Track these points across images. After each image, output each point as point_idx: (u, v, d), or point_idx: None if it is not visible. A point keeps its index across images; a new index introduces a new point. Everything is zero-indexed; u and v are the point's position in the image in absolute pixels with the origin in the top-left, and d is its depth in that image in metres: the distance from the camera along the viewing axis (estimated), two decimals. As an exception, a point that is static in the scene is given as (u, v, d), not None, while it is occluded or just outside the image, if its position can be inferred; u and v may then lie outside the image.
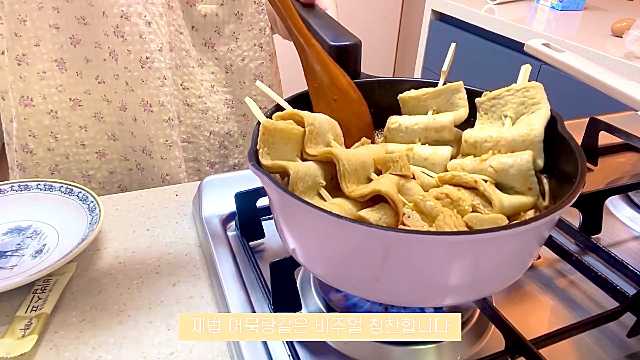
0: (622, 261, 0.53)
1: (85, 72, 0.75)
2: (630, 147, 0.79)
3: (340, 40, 0.55)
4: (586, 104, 1.36)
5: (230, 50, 0.83)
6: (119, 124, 0.79)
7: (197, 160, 0.87)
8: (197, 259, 0.56)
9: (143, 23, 0.71)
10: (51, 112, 0.76)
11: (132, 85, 0.75)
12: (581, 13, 1.83)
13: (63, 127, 0.78)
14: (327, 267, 0.40)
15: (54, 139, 0.78)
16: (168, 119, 0.77)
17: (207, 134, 0.86)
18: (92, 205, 0.59)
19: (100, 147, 0.81)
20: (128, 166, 0.83)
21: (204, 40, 0.81)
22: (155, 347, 0.45)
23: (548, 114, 0.44)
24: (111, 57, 0.74)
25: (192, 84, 0.81)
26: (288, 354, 0.42)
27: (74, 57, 0.74)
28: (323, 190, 0.42)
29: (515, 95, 0.46)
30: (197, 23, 0.79)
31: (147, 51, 0.73)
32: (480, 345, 0.45)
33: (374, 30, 2.94)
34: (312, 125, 0.44)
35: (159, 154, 0.79)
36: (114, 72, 0.75)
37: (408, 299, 0.40)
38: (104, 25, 0.72)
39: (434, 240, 0.34)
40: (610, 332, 0.47)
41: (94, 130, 0.79)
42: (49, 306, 0.48)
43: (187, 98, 0.82)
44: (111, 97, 0.77)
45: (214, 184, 0.63)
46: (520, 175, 0.42)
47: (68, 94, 0.76)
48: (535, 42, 0.66)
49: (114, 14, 0.70)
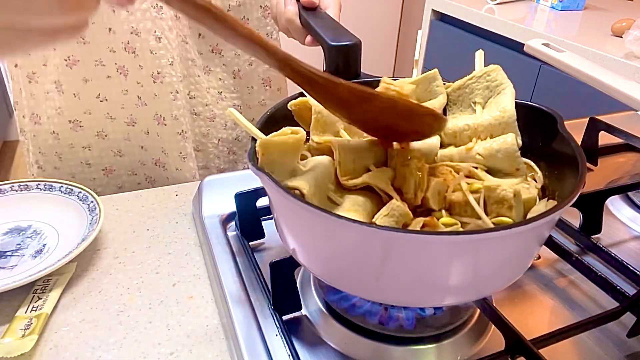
0: (622, 261, 0.53)
1: (84, 92, 0.74)
2: (630, 147, 0.79)
3: (340, 40, 0.55)
4: (586, 104, 1.36)
5: (238, 55, 0.83)
6: (125, 140, 0.79)
7: (207, 168, 0.88)
8: (197, 259, 0.56)
9: (153, 39, 0.71)
10: (53, 133, 0.76)
11: (145, 100, 0.75)
12: (581, 13, 1.83)
13: (66, 148, 0.78)
14: (327, 267, 0.40)
15: (59, 159, 0.78)
16: (181, 132, 0.78)
17: (216, 141, 0.86)
18: (92, 205, 0.59)
19: (106, 164, 0.80)
20: (137, 180, 0.83)
21: (211, 46, 0.81)
22: (155, 347, 0.45)
23: (514, 92, 0.46)
24: (119, 72, 0.73)
25: (198, 92, 0.81)
26: (288, 354, 0.42)
27: (70, 78, 0.73)
28: (333, 195, 0.42)
29: (478, 81, 0.48)
30: (204, 30, 0.79)
31: (159, 66, 0.73)
32: (480, 345, 0.45)
33: (374, 30, 2.94)
34: (320, 113, 0.45)
35: (173, 166, 0.80)
36: (122, 88, 0.74)
37: (408, 299, 0.39)
38: (109, 42, 0.71)
39: (434, 240, 0.34)
40: (610, 332, 0.47)
41: (98, 148, 0.79)
42: (49, 306, 0.48)
43: (194, 107, 0.82)
44: (116, 113, 0.76)
45: (214, 184, 0.63)
46: (507, 158, 0.43)
47: (67, 116, 0.75)
48: (535, 42, 0.66)
49: (124, 31, 0.70)
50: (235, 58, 0.83)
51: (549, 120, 0.45)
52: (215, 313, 0.49)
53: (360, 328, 0.45)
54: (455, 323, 0.45)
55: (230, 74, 0.84)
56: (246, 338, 0.43)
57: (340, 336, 0.45)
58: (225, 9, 0.79)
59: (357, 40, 0.55)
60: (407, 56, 3.07)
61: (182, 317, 0.49)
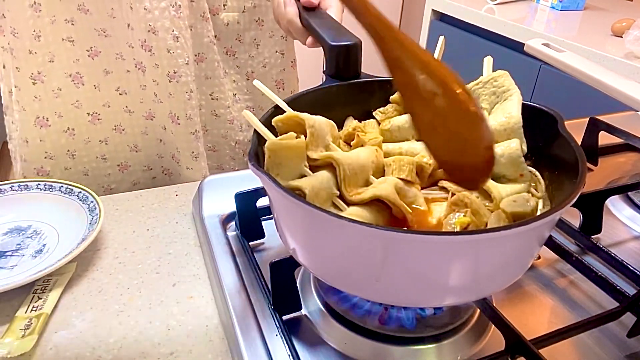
0: (622, 261, 0.53)
1: (104, 84, 0.74)
2: (630, 147, 0.79)
3: (340, 40, 0.55)
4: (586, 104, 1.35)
5: (251, 57, 0.83)
6: (143, 134, 0.79)
7: (221, 169, 0.88)
8: (197, 259, 0.56)
9: (171, 38, 0.70)
10: (68, 130, 0.76)
11: (161, 97, 0.75)
12: (581, 13, 1.82)
13: (81, 144, 0.77)
14: (327, 267, 0.40)
15: (71, 157, 0.77)
16: (194, 131, 0.77)
17: (233, 143, 0.86)
18: (92, 205, 0.59)
19: (122, 159, 0.80)
20: (152, 175, 0.83)
21: (225, 48, 0.81)
22: (155, 347, 0.45)
23: (520, 98, 0.45)
24: (137, 68, 0.73)
25: (221, 94, 0.81)
26: (288, 354, 0.42)
27: (91, 70, 0.73)
28: (338, 200, 0.42)
29: (485, 87, 0.47)
30: (219, 32, 0.79)
31: (175, 66, 0.72)
32: (480, 345, 0.45)
33: (374, 30, 2.94)
34: (313, 127, 0.44)
35: (185, 164, 0.80)
36: (141, 83, 0.74)
37: (408, 299, 0.39)
38: (127, 38, 0.71)
39: (434, 241, 0.34)
40: (610, 332, 0.47)
41: (114, 142, 0.79)
42: (49, 306, 0.48)
43: (215, 109, 0.82)
44: (134, 107, 0.76)
45: (214, 184, 0.63)
46: (511, 163, 0.43)
47: (85, 108, 0.75)
48: (535, 42, 0.66)
49: (141, 28, 0.70)
50: (249, 60, 0.83)
51: (549, 120, 0.45)
52: (215, 313, 0.49)
53: (360, 328, 0.45)
54: (455, 323, 0.45)
55: (243, 75, 0.84)
56: (246, 338, 0.43)
57: (340, 336, 0.45)
58: (240, 11, 0.79)
59: (357, 40, 0.55)
60: (407, 56, 3.07)
61: (182, 317, 0.49)
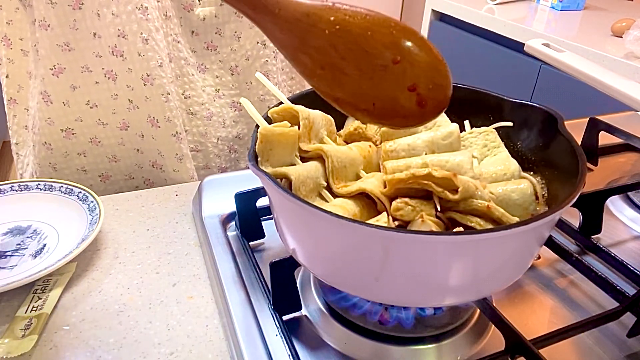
0: (622, 261, 0.53)
1: (73, 99, 0.73)
2: (630, 147, 0.79)
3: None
4: (586, 104, 1.35)
5: (234, 50, 0.82)
6: (119, 145, 0.78)
7: (208, 168, 0.87)
8: (197, 259, 0.56)
9: (140, 41, 0.70)
10: (45, 144, 0.76)
11: (137, 103, 0.74)
12: (581, 13, 1.83)
13: (60, 157, 0.77)
14: (327, 267, 0.40)
15: (53, 169, 0.78)
16: (176, 133, 0.77)
17: (215, 140, 0.85)
18: (92, 205, 0.59)
19: (102, 170, 0.80)
20: (134, 184, 0.83)
21: (206, 44, 0.80)
22: (155, 347, 0.45)
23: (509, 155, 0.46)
24: (107, 77, 0.72)
25: (193, 92, 0.81)
26: (288, 354, 0.42)
27: (57, 87, 0.72)
28: (324, 192, 0.42)
29: (477, 137, 0.48)
30: (196, 27, 0.78)
31: (148, 69, 0.72)
32: (480, 345, 0.45)
33: (374, 30, 2.94)
34: (307, 119, 0.44)
35: (170, 167, 0.79)
36: (112, 93, 0.74)
37: (408, 299, 0.40)
38: (94, 47, 0.70)
39: (434, 241, 0.34)
40: (610, 332, 0.47)
41: (93, 154, 0.78)
42: (49, 306, 0.48)
43: (190, 107, 0.81)
44: (107, 119, 0.76)
45: (214, 184, 0.63)
46: (523, 200, 0.41)
47: (58, 125, 0.75)
48: (535, 42, 0.66)
49: (110, 34, 0.69)
50: (231, 54, 0.82)
51: (549, 120, 0.45)
52: (215, 313, 0.49)
53: (360, 328, 0.45)
54: (455, 323, 0.45)
55: (227, 70, 0.83)
56: (246, 338, 0.43)
57: (340, 336, 0.45)
58: (217, 4, 0.78)
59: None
60: (407, 56, 3.07)
61: (182, 317, 0.49)
